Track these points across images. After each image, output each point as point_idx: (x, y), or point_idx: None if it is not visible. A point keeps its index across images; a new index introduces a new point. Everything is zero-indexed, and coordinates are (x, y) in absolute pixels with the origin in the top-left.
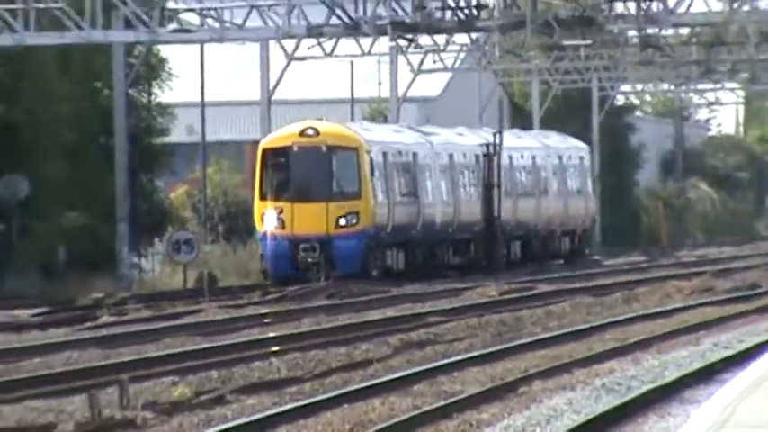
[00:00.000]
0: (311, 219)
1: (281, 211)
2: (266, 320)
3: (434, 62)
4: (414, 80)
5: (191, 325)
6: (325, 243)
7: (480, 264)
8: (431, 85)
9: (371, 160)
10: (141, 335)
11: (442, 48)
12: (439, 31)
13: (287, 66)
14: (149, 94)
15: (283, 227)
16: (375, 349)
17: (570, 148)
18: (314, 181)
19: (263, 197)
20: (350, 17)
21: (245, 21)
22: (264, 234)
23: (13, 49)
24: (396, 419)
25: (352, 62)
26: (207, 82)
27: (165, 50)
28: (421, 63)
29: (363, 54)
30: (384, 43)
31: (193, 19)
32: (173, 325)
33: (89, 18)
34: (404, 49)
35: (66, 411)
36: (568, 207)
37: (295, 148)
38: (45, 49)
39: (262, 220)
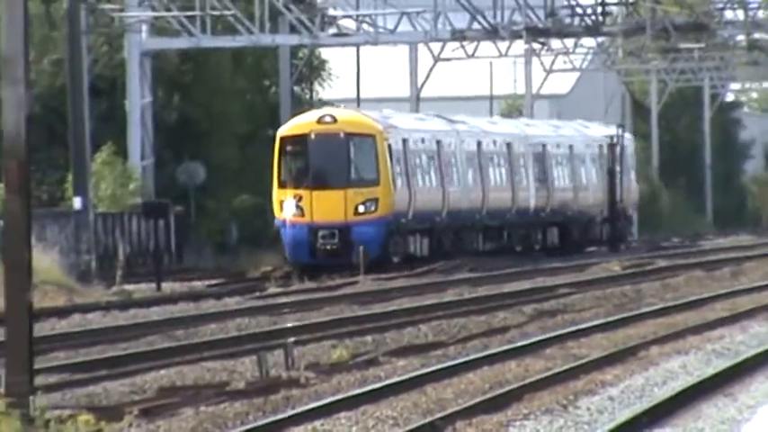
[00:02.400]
0: (330, 206)
1: (300, 199)
2: (414, 291)
3: (564, 63)
4: (545, 79)
5: (348, 295)
6: (344, 230)
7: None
8: (561, 84)
9: (390, 147)
10: (304, 304)
11: (571, 50)
12: (568, 36)
13: (433, 66)
14: (311, 91)
15: (302, 214)
16: (511, 317)
17: (611, 137)
18: (332, 168)
19: (281, 185)
20: (489, 23)
21: (396, 26)
22: (284, 221)
23: (190, 50)
24: (530, 379)
25: (491, 63)
26: (362, 81)
27: (325, 53)
28: (552, 63)
29: (501, 56)
30: (519, 46)
31: (350, 24)
32: (332, 295)
33: (258, 23)
34: (537, 51)
35: (238, 371)
36: (607, 194)
37: (313, 136)
38: (219, 50)
39: (281, 207)
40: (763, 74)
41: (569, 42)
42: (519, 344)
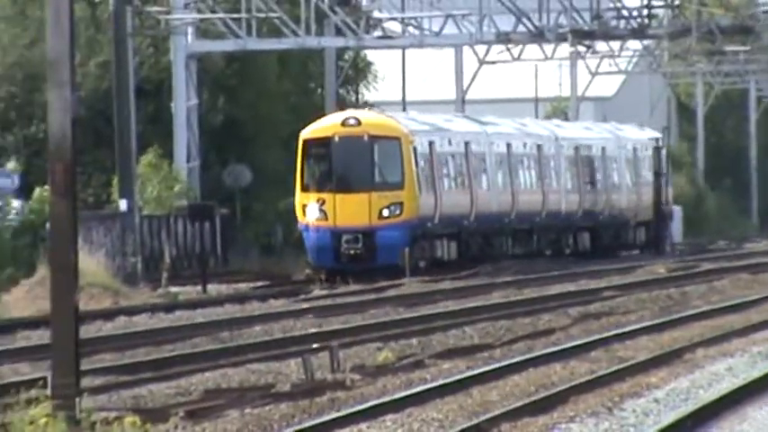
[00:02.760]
0: (354, 210)
1: (324, 203)
2: (460, 294)
3: (609, 65)
4: (591, 81)
5: (393, 297)
6: (368, 234)
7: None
8: (606, 86)
9: (415, 150)
10: (349, 306)
11: (616, 53)
12: (614, 38)
13: (478, 69)
14: (357, 93)
15: (326, 218)
16: (556, 319)
17: (645, 140)
18: (356, 171)
19: (304, 188)
20: (534, 26)
21: (441, 28)
22: (306, 225)
23: (236, 53)
24: (575, 382)
25: (536, 65)
26: (407, 83)
27: (370, 55)
28: (597, 66)
29: (546, 58)
30: (565, 48)
31: (396, 27)
32: (377, 297)
33: (304, 26)
34: (582, 53)
35: (283, 373)
36: (641, 198)
37: (336, 139)
38: (265, 53)
39: (303, 211)
40: None
41: (615, 45)
42: (564, 346)
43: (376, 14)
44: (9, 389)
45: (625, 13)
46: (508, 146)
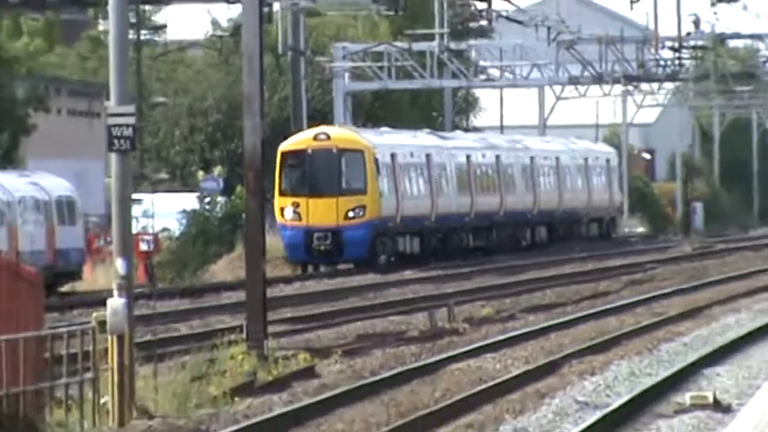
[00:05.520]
0: (324, 212)
1: (298, 206)
2: (540, 266)
3: (651, 100)
4: (637, 112)
5: (492, 269)
6: (336, 233)
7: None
8: (648, 116)
9: (377, 160)
10: (462, 276)
11: (656, 91)
12: (654, 81)
13: (555, 103)
14: (467, 120)
15: (300, 219)
16: (611, 285)
17: (597, 152)
18: (326, 179)
19: (282, 193)
20: (596, 71)
21: (529, 73)
22: (283, 225)
23: (380, 91)
24: (624, 330)
25: (597, 101)
26: (504, 113)
27: (477, 92)
28: (642, 101)
29: (605, 95)
30: (618, 88)
31: (496, 72)
32: (480, 269)
33: (429, 71)
34: (631, 91)
35: (413, 323)
36: (592, 198)
37: (309, 151)
38: (401, 91)
39: (281, 212)
40: None
41: (654, 85)
42: (617, 304)
43: (481, 63)
44: (216, 333)
45: (662, 62)
46: (468, 157)
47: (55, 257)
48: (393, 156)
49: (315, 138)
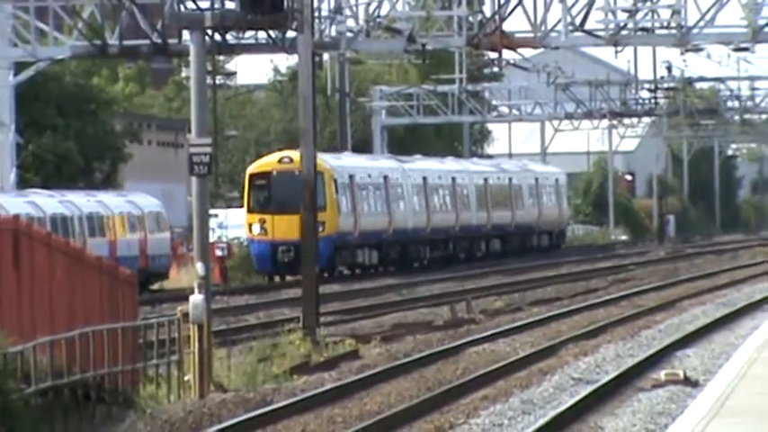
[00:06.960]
0: (287, 227)
1: (264, 222)
2: (541, 268)
3: (632, 131)
4: (620, 142)
5: (503, 270)
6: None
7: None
8: (630, 144)
9: (336, 181)
10: (478, 275)
11: (635, 124)
12: (634, 116)
13: (554, 134)
14: (482, 149)
15: (266, 233)
16: (599, 283)
17: (546, 172)
18: (289, 198)
19: (250, 210)
20: (587, 108)
21: (532, 110)
22: (252, 239)
23: (410, 125)
24: (611, 319)
25: (588, 132)
26: (512, 142)
27: (490, 125)
28: (624, 132)
29: (594, 128)
30: (605, 122)
31: (505, 109)
32: (493, 270)
33: (450, 108)
34: (615, 124)
35: (438, 314)
36: (542, 213)
37: (275, 173)
38: (427, 125)
39: (250, 228)
40: (751, 139)
41: (635, 120)
42: (604, 298)
43: (493, 102)
44: (277, 323)
45: (641, 101)
46: (424, 178)
47: (147, 261)
48: (351, 177)
49: (279, 161)
